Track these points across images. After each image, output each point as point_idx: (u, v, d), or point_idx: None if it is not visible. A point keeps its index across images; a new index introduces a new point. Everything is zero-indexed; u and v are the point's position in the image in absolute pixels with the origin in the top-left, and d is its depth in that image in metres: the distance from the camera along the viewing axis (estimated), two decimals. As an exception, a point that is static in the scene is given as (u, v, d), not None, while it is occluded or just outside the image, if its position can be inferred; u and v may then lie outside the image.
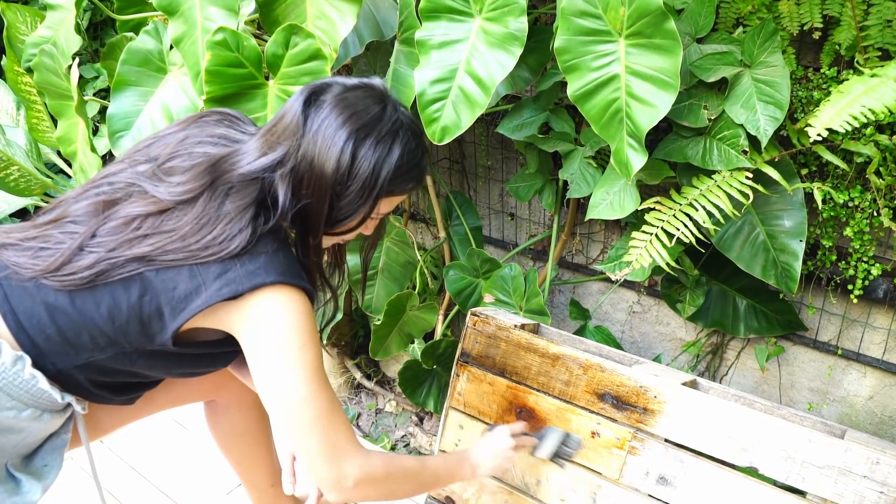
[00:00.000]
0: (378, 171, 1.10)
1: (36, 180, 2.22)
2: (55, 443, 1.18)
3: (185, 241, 1.04)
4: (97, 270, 1.04)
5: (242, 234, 1.04)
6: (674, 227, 1.54)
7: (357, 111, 1.10)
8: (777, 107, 1.46)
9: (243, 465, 1.64)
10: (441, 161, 2.42)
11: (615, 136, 1.47)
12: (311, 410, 1.09)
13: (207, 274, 1.03)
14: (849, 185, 1.62)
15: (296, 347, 1.07)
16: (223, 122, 1.20)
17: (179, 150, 1.14)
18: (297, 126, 1.10)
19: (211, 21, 1.59)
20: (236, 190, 1.08)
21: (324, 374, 1.11)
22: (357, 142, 1.08)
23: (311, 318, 1.10)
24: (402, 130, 1.13)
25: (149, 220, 1.06)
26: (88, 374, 1.12)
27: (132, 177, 1.12)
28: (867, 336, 1.81)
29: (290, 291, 1.06)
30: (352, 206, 1.12)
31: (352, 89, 1.13)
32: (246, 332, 1.07)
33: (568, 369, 1.60)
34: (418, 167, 1.17)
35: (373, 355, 2.22)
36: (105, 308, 1.05)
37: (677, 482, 1.47)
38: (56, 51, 1.86)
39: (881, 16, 1.45)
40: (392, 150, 1.11)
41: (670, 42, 1.37)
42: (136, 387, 1.25)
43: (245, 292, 1.03)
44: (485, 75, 1.51)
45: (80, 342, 1.07)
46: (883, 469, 1.29)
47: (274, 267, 1.05)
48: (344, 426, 1.13)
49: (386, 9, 1.75)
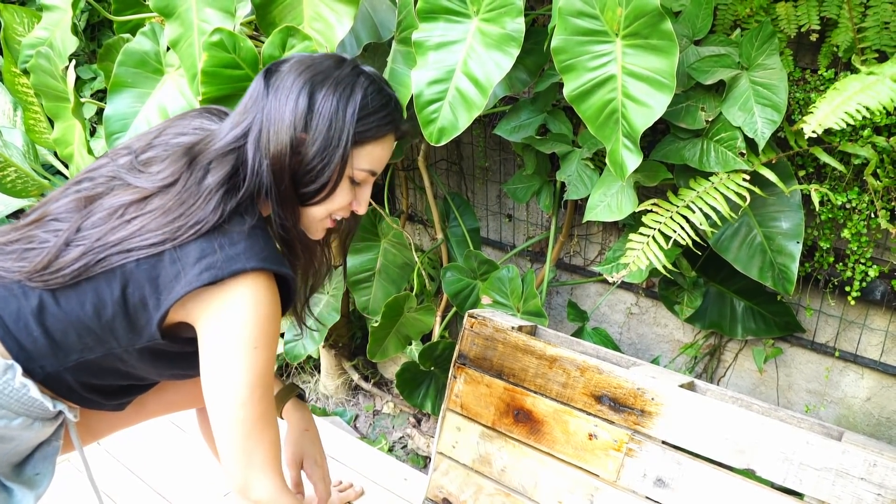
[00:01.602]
0: (343, 110, 1.09)
1: (33, 181, 2.21)
2: (46, 451, 1.17)
3: (167, 216, 1.03)
4: (83, 263, 1.03)
5: (219, 208, 1.04)
6: (671, 230, 1.54)
7: (314, 64, 1.11)
8: (774, 109, 1.46)
9: None
10: (439, 162, 2.42)
11: (610, 137, 1.47)
12: (241, 415, 1.07)
13: (187, 258, 1.02)
14: (846, 186, 1.62)
15: (250, 346, 1.05)
16: (203, 115, 1.21)
17: (158, 142, 1.15)
18: (260, 95, 1.11)
19: (207, 23, 1.59)
20: (215, 164, 1.08)
21: (270, 381, 1.09)
22: (313, 86, 1.09)
23: (276, 317, 1.08)
24: (362, 76, 1.12)
25: (132, 206, 1.06)
26: (78, 377, 1.11)
27: (113, 170, 1.12)
28: (865, 338, 1.81)
29: (267, 282, 1.05)
30: (323, 155, 1.09)
31: (311, 55, 1.16)
32: (210, 319, 1.05)
33: (565, 371, 1.60)
34: (386, 108, 1.14)
35: (370, 357, 2.21)
36: (90, 305, 1.04)
37: (675, 484, 1.47)
38: (52, 53, 1.86)
39: (878, 18, 1.45)
40: (354, 91, 1.10)
41: (667, 43, 1.37)
42: (127, 391, 1.24)
43: (225, 278, 1.02)
44: (482, 76, 1.50)
45: (68, 342, 1.06)
46: (880, 471, 1.29)
47: (255, 252, 1.04)
48: (268, 443, 1.11)
49: (384, 10, 1.75)
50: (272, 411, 1.12)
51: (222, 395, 1.07)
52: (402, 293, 2.13)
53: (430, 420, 2.53)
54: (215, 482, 2.05)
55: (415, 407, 2.39)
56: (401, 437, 2.52)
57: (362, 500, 2.00)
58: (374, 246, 2.20)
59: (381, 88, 1.14)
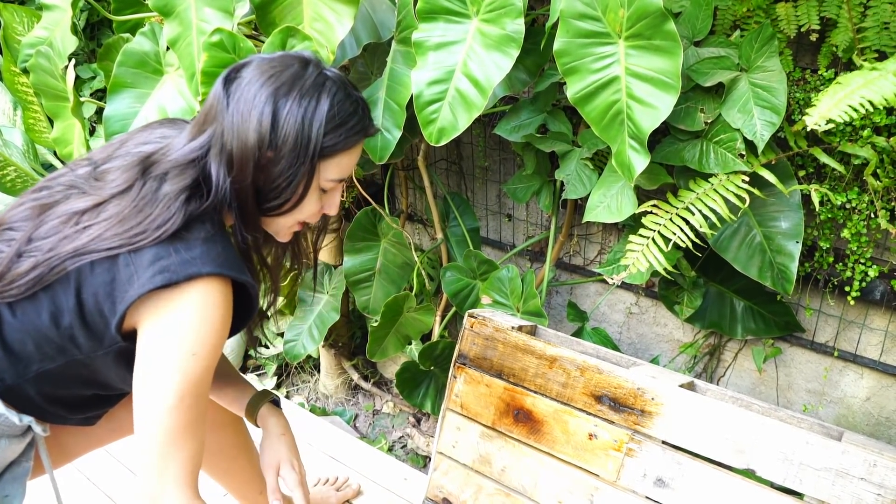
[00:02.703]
0: (308, 126, 1.04)
1: (32, 181, 2.21)
2: (16, 472, 1.14)
3: (123, 225, 1.01)
4: (36, 275, 1.00)
5: (177, 216, 1.01)
6: (670, 232, 1.54)
7: (275, 72, 1.05)
8: (774, 112, 1.46)
9: (226, 480, 1.61)
10: (439, 162, 2.42)
11: (616, 138, 1.47)
12: (167, 421, 1.02)
13: (141, 261, 0.99)
14: (846, 186, 1.62)
15: (188, 351, 1.01)
16: (166, 124, 1.18)
17: (119, 153, 1.13)
18: (220, 106, 1.06)
19: (206, 22, 1.59)
20: (173, 174, 1.05)
21: (203, 390, 1.05)
22: (277, 99, 1.03)
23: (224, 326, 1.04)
24: (328, 83, 1.07)
25: (86, 214, 1.03)
26: (40, 388, 1.08)
27: (70, 180, 1.10)
28: (864, 337, 1.81)
29: (221, 287, 1.02)
30: (290, 171, 1.06)
31: (270, 59, 1.08)
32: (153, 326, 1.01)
33: (565, 371, 1.60)
34: (354, 117, 1.09)
35: (370, 357, 2.22)
36: (47, 314, 1.02)
37: (675, 484, 1.47)
38: (52, 52, 1.85)
39: (878, 18, 1.45)
40: (320, 103, 1.05)
41: (670, 43, 1.37)
42: (93, 403, 1.20)
43: (180, 281, 0.99)
44: (482, 77, 1.50)
45: (26, 353, 1.04)
46: (880, 471, 1.29)
47: (211, 257, 1.01)
48: (188, 455, 1.05)
49: (383, 10, 1.75)
50: (200, 424, 1.06)
51: (150, 398, 1.02)
52: (401, 293, 2.13)
53: (429, 419, 2.53)
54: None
55: (414, 406, 2.39)
56: (400, 436, 2.52)
57: (362, 499, 2.01)
58: (373, 246, 2.20)
59: (347, 94, 1.09)
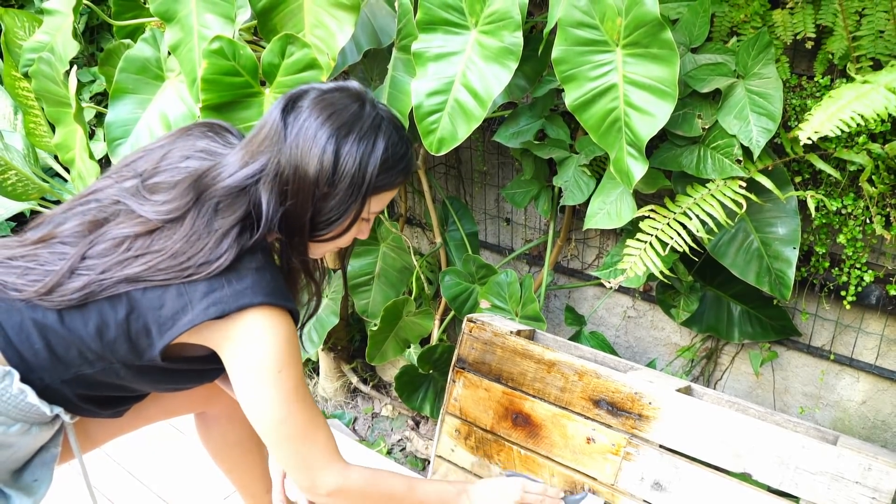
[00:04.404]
0: (364, 167, 1.09)
1: (33, 185, 2.22)
2: (45, 457, 1.18)
3: (176, 259, 1.04)
4: (87, 292, 1.04)
5: (229, 252, 1.04)
6: (668, 236, 1.55)
7: (336, 110, 1.09)
8: (770, 118, 1.48)
9: (236, 474, 1.64)
10: (437, 166, 2.43)
11: (614, 145, 1.49)
12: (286, 429, 1.12)
13: (195, 293, 1.04)
14: (842, 192, 1.64)
15: (274, 370, 1.08)
16: (207, 135, 1.20)
17: (163, 165, 1.15)
18: (277, 133, 1.09)
19: (207, 28, 1.60)
20: (224, 205, 1.08)
21: (302, 393, 1.13)
22: (339, 140, 1.08)
23: (293, 340, 1.10)
24: (383, 124, 1.12)
25: (138, 240, 1.06)
26: (76, 389, 1.12)
27: (118, 193, 1.12)
28: (860, 341, 1.83)
29: (274, 313, 1.07)
30: (342, 207, 1.11)
31: (328, 92, 1.13)
32: (229, 352, 1.08)
33: (563, 376, 1.61)
34: (404, 159, 1.15)
35: (370, 360, 2.23)
36: (93, 325, 1.05)
37: (672, 487, 1.48)
38: (54, 58, 1.86)
39: (873, 26, 1.46)
40: (376, 145, 1.10)
41: (667, 52, 1.38)
42: (123, 400, 1.25)
43: (231, 312, 1.04)
44: (481, 89, 1.52)
45: (69, 357, 1.07)
46: (875, 475, 1.30)
47: (261, 287, 1.05)
48: (321, 441, 1.15)
49: (384, 16, 1.76)
50: (315, 412, 1.15)
51: (262, 419, 1.11)
52: (401, 297, 2.14)
53: (428, 422, 2.55)
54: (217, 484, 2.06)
55: (413, 410, 2.40)
56: (399, 439, 2.53)
57: (362, 502, 2.01)
58: (373, 250, 2.21)
59: (400, 136, 1.15)
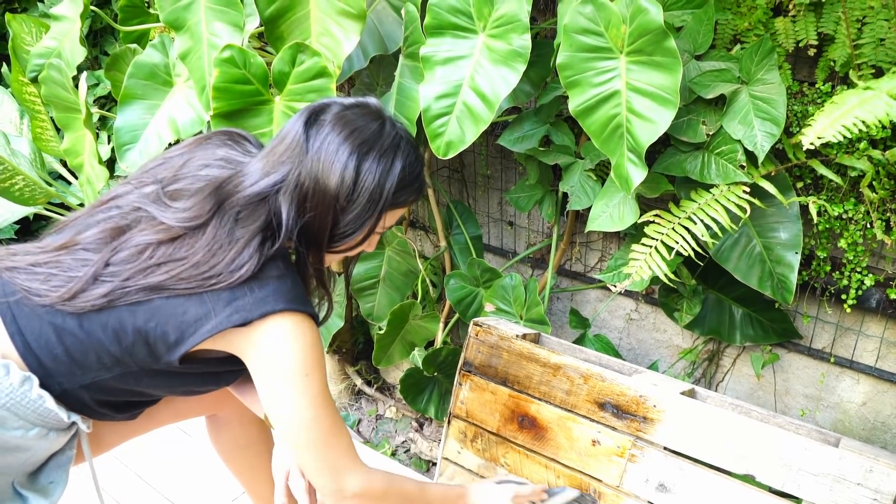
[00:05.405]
0: (383, 184, 1.13)
1: (40, 189, 2.23)
2: (60, 460, 1.20)
3: (198, 268, 1.05)
4: (110, 298, 1.06)
5: (252, 261, 1.06)
6: (673, 241, 1.57)
7: (358, 127, 1.13)
8: (774, 123, 1.50)
9: (246, 477, 1.66)
10: (441, 170, 2.45)
11: (615, 151, 1.51)
12: (312, 433, 1.13)
13: (217, 300, 1.05)
14: (843, 198, 1.66)
15: (301, 375, 1.09)
16: (226, 143, 1.22)
17: (183, 172, 1.16)
18: (299, 145, 1.12)
19: (217, 36, 1.61)
20: (245, 214, 1.10)
21: (327, 397, 1.15)
22: (360, 157, 1.11)
23: (317, 344, 1.12)
24: (402, 143, 1.17)
25: (161, 248, 1.07)
26: (94, 394, 1.14)
27: (138, 200, 1.13)
28: (860, 344, 1.85)
29: (297, 318, 1.08)
30: (358, 220, 1.14)
31: (349, 108, 1.16)
32: (254, 358, 1.10)
33: (569, 379, 1.63)
34: (419, 178, 1.20)
35: (376, 364, 2.24)
36: (111, 330, 1.07)
37: (676, 489, 1.50)
38: (63, 64, 1.88)
39: (874, 34, 1.48)
40: (394, 164, 1.14)
41: (670, 60, 1.40)
42: (138, 404, 1.27)
43: (254, 319, 1.05)
44: (489, 91, 1.54)
45: (87, 362, 1.09)
46: (876, 476, 1.33)
47: (282, 294, 1.07)
48: (344, 444, 1.18)
49: (390, 23, 1.78)
50: (338, 416, 1.17)
51: (290, 423, 1.12)
52: (407, 301, 2.16)
53: (432, 424, 2.56)
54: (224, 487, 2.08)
55: (418, 412, 2.42)
56: (403, 441, 2.55)
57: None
58: (378, 254, 2.23)
59: (417, 156, 1.19)
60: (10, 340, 1.07)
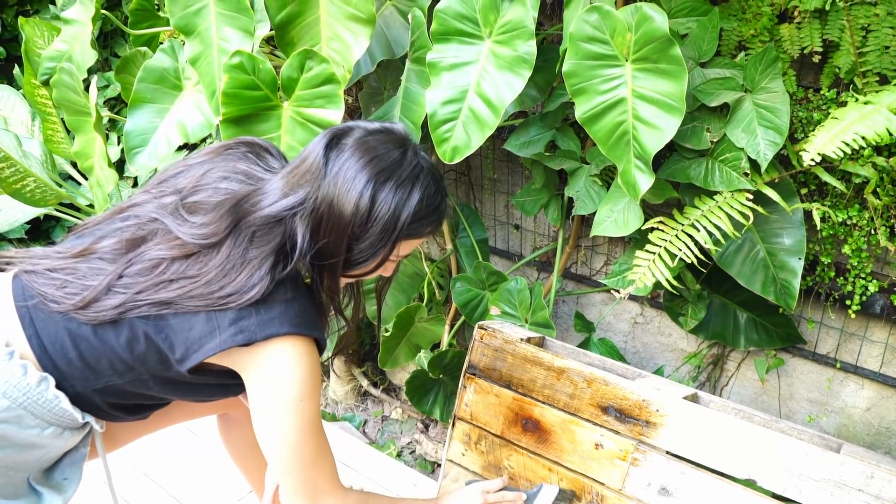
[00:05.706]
0: (398, 214, 1.11)
1: (51, 191, 2.26)
2: (74, 457, 1.22)
3: (209, 287, 1.06)
4: (122, 310, 1.07)
5: (262, 283, 1.06)
6: (676, 248, 1.58)
7: (378, 155, 1.11)
8: (777, 132, 1.51)
9: (255, 476, 1.68)
10: (448, 173, 2.46)
11: (622, 158, 1.52)
12: (298, 456, 1.13)
13: (223, 320, 1.06)
14: (847, 204, 1.66)
15: (296, 399, 1.10)
16: (248, 156, 1.21)
17: (202, 183, 1.16)
18: (318, 168, 1.11)
19: (226, 42, 1.63)
20: (260, 234, 1.10)
21: (318, 422, 1.15)
22: (377, 185, 1.09)
23: (316, 370, 1.12)
24: (422, 175, 1.14)
25: (175, 264, 1.08)
26: (106, 398, 1.16)
27: (156, 211, 1.14)
28: (865, 349, 1.85)
29: (300, 343, 1.09)
30: (371, 249, 1.13)
31: (373, 133, 1.14)
32: (254, 377, 1.10)
33: (573, 382, 1.64)
34: (437, 211, 1.17)
35: (382, 366, 2.26)
36: (124, 339, 1.09)
37: (678, 493, 1.51)
38: (74, 68, 1.90)
39: (879, 42, 1.49)
40: (412, 195, 1.12)
41: (676, 67, 1.42)
42: (149, 407, 1.29)
43: (258, 340, 1.06)
44: (494, 97, 1.55)
45: (100, 368, 1.11)
46: (877, 483, 1.33)
47: (288, 317, 1.08)
48: (326, 469, 1.18)
49: (397, 28, 1.79)
50: (324, 440, 1.17)
51: (276, 445, 1.13)
52: (413, 304, 2.17)
53: (437, 426, 2.58)
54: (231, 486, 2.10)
55: (423, 414, 2.44)
56: (409, 442, 2.56)
57: (373, 504, 2.05)
58: (384, 255, 2.25)
59: (437, 187, 1.17)
60: (27, 343, 1.09)
